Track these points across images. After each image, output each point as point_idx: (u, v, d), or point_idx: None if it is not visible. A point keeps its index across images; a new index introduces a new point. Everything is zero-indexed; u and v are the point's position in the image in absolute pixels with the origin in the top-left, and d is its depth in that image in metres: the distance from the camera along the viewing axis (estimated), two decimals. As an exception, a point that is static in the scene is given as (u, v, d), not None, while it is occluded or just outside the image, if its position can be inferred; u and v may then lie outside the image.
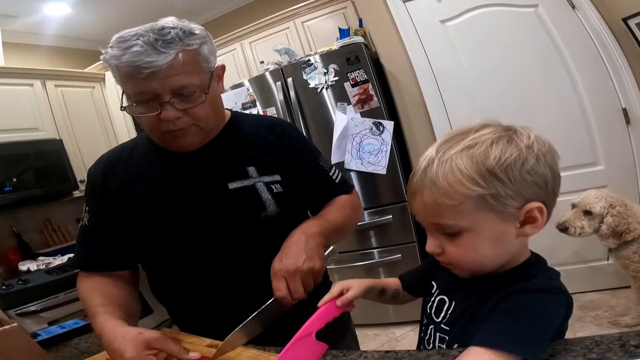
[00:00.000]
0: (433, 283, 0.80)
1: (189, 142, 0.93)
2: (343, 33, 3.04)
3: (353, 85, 2.68)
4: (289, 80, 2.81)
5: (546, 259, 0.68)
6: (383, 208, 2.73)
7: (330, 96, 2.75)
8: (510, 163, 0.57)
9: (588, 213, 1.84)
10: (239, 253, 0.95)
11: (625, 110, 2.32)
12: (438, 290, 0.78)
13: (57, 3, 3.27)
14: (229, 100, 3.04)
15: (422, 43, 2.70)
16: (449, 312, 0.71)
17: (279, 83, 2.85)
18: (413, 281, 0.90)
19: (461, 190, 0.58)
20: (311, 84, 2.77)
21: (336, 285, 0.78)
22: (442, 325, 0.71)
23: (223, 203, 0.95)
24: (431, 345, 0.73)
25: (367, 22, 2.96)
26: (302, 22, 3.41)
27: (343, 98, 2.72)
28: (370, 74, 2.65)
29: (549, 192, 0.61)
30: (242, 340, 0.81)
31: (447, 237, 0.64)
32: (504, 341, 0.52)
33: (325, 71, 2.72)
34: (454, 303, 0.71)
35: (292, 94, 2.80)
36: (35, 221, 3.34)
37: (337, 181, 1.10)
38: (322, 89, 2.75)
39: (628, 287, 2.08)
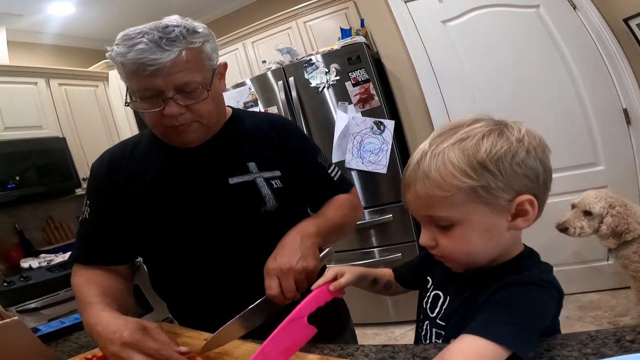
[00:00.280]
0: (428, 278, 0.81)
1: (191, 138, 0.95)
2: (345, 33, 3.05)
3: (354, 85, 2.69)
4: (291, 79, 2.82)
5: (546, 259, 0.68)
6: (383, 207, 2.73)
7: (331, 95, 2.76)
8: (500, 155, 0.58)
9: (588, 213, 1.83)
10: (239, 247, 0.96)
11: (625, 111, 2.32)
12: (433, 286, 0.78)
13: (62, 2, 3.29)
14: (231, 99, 3.04)
15: (423, 43, 2.70)
16: (444, 307, 0.71)
17: (280, 82, 2.85)
18: (407, 273, 0.90)
19: (452, 182, 0.59)
20: (313, 84, 2.78)
21: (330, 269, 0.79)
22: (438, 321, 0.71)
23: (223, 197, 0.96)
24: (428, 341, 0.74)
25: (369, 22, 2.97)
26: (304, 22, 3.43)
27: (344, 97, 2.73)
28: (371, 73, 2.65)
29: (540, 185, 0.62)
30: (235, 334, 0.81)
31: (440, 230, 0.65)
32: (493, 331, 0.52)
33: (327, 70, 2.73)
34: (448, 298, 0.72)
35: (294, 93, 2.81)
36: (38, 219, 3.36)
37: (336, 179, 1.10)
38: (324, 88, 2.75)
39: (628, 288, 2.07)
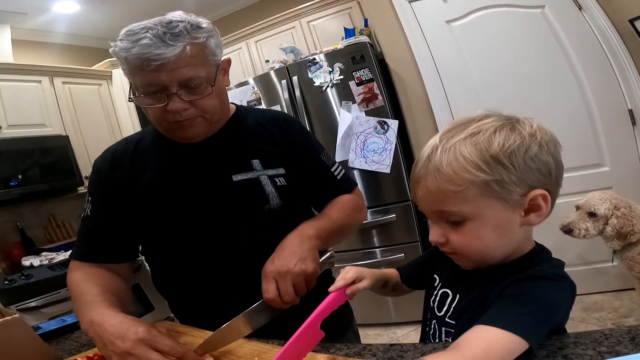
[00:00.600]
0: (435, 276, 0.80)
1: (194, 133, 0.94)
2: (348, 33, 3.04)
3: (358, 84, 2.68)
4: (294, 78, 2.81)
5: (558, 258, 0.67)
6: (386, 207, 2.73)
7: (335, 95, 2.75)
8: (514, 149, 0.58)
9: (592, 215, 1.82)
10: (242, 245, 0.96)
11: (631, 112, 2.31)
12: (440, 284, 0.77)
13: (67, 1, 3.29)
14: (234, 98, 3.04)
15: (428, 43, 2.70)
16: (453, 306, 0.70)
17: (284, 81, 2.85)
18: (412, 272, 0.89)
19: (465, 177, 0.58)
20: (316, 83, 2.77)
21: (351, 271, 0.77)
22: (447, 320, 0.70)
23: (227, 195, 0.96)
24: (437, 339, 0.73)
25: (373, 22, 2.96)
26: (308, 22, 3.42)
27: (348, 97, 2.72)
28: (375, 73, 2.65)
29: (552, 181, 0.61)
30: (236, 335, 0.79)
31: (451, 226, 0.63)
32: (505, 321, 0.52)
33: (331, 70, 2.72)
34: (458, 296, 0.71)
35: (297, 93, 2.81)
36: (40, 216, 3.36)
37: (339, 177, 1.09)
38: (327, 87, 2.75)
39: (632, 289, 2.07)
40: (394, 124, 2.66)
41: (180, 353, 0.70)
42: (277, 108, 2.92)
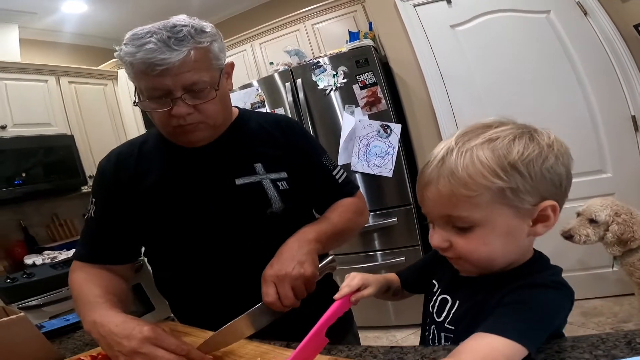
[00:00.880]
0: (434, 282, 0.79)
1: (198, 137, 0.95)
2: (353, 36, 3.06)
3: (362, 88, 2.69)
4: (298, 81, 2.83)
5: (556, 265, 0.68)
6: (388, 211, 2.73)
7: (338, 98, 2.76)
8: (532, 159, 0.58)
9: (593, 221, 1.83)
10: (244, 248, 0.96)
11: (634, 118, 2.31)
12: (440, 290, 0.77)
13: (75, 1, 3.32)
14: (238, 100, 3.05)
15: (432, 47, 2.70)
16: (452, 312, 0.70)
17: (288, 84, 2.86)
18: (411, 277, 0.89)
19: (481, 182, 0.57)
20: (320, 86, 2.78)
21: (356, 278, 0.76)
22: (447, 325, 0.70)
23: (229, 198, 0.96)
24: (436, 344, 0.73)
25: (377, 26, 2.97)
26: (312, 25, 3.43)
27: (351, 100, 2.73)
28: (379, 76, 2.66)
29: (561, 192, 0.62)
30: (238, 336, 0.80)
31: (457, 231, 0.63)
32: (504, 328, 0.52)
33: (335, 73, 2.73)
34: (457, 302, 0.70)
35: (301, 95, 2.82)
36: (43, 215, 3.37)
37: (341, 181, 1.09)
38: (331, 90, 2.76)
39: (632, 295, 2.07)
40: (396, 128, 2.66)
41: (185, 351, 0.70)
42: (281, 111, 2.93)
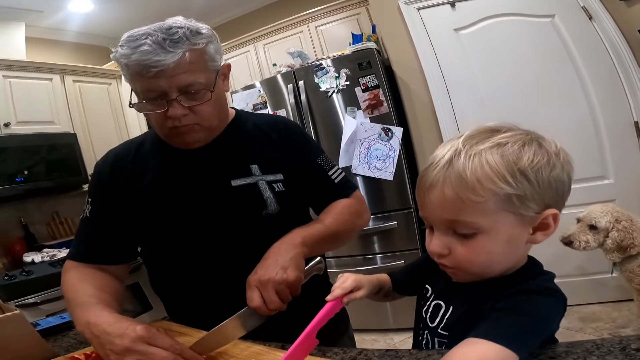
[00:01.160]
0: (428, 287, 0.79)
1: (194, 139, 0.95)
2: (356, 38, 3.06)
3: (364, 91, 2.69)
4: (301, 83, 2.83)
5: (550, 270, 0.67)
6: (388, 214, 2.73)
7: (340, 100, 2.77)
8: (541, 166, 0.57)
9: (593, 227, 1.83)
10: (239, 250, 0.96)
11: (637, 124, 2.30)
12: (433, 295, 0.76)
13: (82, -1, 3.35)
14: (240, 100, 3.06)
15: (435, 50, 2.70)
16: (446, 317, 0.70)
17: (290, 85, 2.87)
18: (403, 280, 0.88)
19: (489, 187, 0.56)
20: (322, 88, 2.79)
21: (349, 279, 0.75)
22: (440, 331, 0.70)
23: (225, 200, 0.97)
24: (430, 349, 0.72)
25: (381, 28, 2.98)
26: (316, 27, 3.44)
27: (353, 103, 2.73)
28: (381, 79, 2.66)
29: (562, 201, 0.61)
30: (230, 337, 0.80)
31: (459, 238, 0.61)
32: (495, 333, 0.52)
33: (337, 75, 2.74)
34: (451, 308, 0.70)
35: (303, 97, 2.82)
36: (44, 213, 3.38)
37: (337, 181, 1.08)
38: (333, 93, 2.76)
39: (631, 300, 2.07)
40: (398, 131, 2.66)
41: (178, 350, 0.70)
42: (283, 112, 2.94)
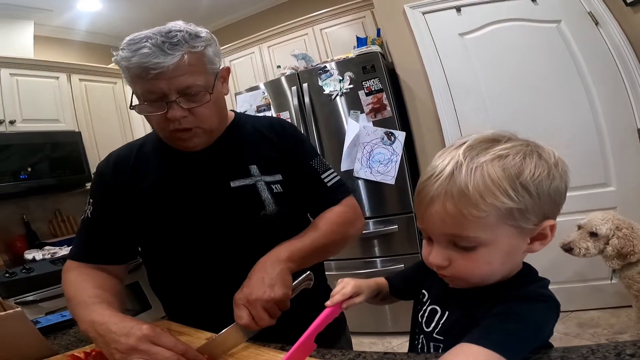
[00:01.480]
0: (424, 292, 0.79)
1: (194, 143, 0.97)
2: (360, 42, 3.07)
3: (367, 94, 2.69)
4: (305, 85, 2.84)
5: (549, 276, 0.67)
6: (389, 218, 2.73)
7: (343, 103, 2.77)
8: (542, 179, 0.57)
9: (594, 234, 1.83)
10: (237, 250, 0.97)
11: (640, 131, 2.29)
12: (429, 300, 0.76)
13: (91, -2, 3.38)
14: (244, 102, 3.08)
15: (439, 55, 2.69)
16: (441, 322, 0.70)
17: (294, 88, 2.88)
18: (400, 284, 0.89)
19: (491, 202, 0.55)
20: (326, 91, 2.79)
21: (349, 285, 0.76)
22: (435, 335, 0.70)
23: (224, 200, 0.98)
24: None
25: (385, 32, 2.98)
26: (321, 29, 3.45)
27: (356, 106, 2.74)
28: (385, 83, 2.66)
29: (559, 210, 0.61)
30: (241, 338, 0.81)
31: (459, 250, 0.61)
32: (487, 339, 0.52)
33: (341, 78, 2.74)
34: (447, 313, 0.70)
35: (307, 100, 2.83)
36: (46, 210, 3.40)
37: (330, 185, 1.07)
38: (337, 96, 2.77)
39: (629, 307, 2.07)
40: (400, 135, 2.66)
41: (181, 350, 0.71)
42: (286, 114, 2.94)
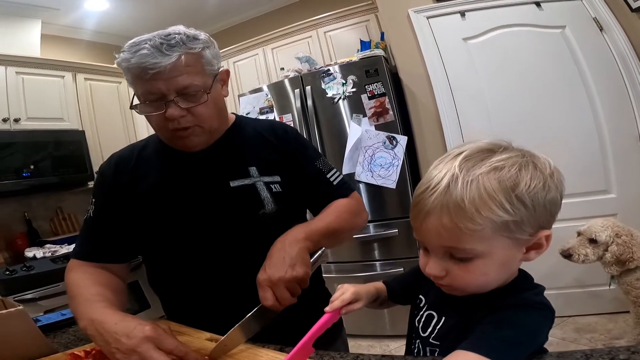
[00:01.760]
0: (421, 297, 0.79)
1: (194, 142, 0.99)
2: (364, 45, 3.07)
3: (370, 98, 2.70)
4: (308, 88, 2.85)
5: (547, 283, 0.68)
6: (389, 222, 2.73)
7: (346, 107, 2.78)
8: (538, 190, 0.57)
9: (593, 241, 1.84)
10: (237, 249, 0.98)
11: (642, 138, 2.29)
12: (426, 305, 0.77)
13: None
14: (247, 104, 3.09)
15: (443, 59, 2.69)
16: (438, 327, 0.71)
17: (297, 90, 2.89)
18: (399, 289, 0.89)
19: (487, 215, 0.55)
20: (329, 94, 2.80)
21: (348, 291, 0.77)
22: (431, 341, 0.71)
23: (224, 199, 0.99)
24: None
25: (389, 36, 2.99)
26: (325, 32, 3.45)
27: (359, 110, 2.74)
28: (388, 87, 2.67)
29: (554, 219, 0.61)
30: (241, 339, 0.82)
31: (456, 261, 0.61)
32: (482, 346, 0.53)
33: (344, 82, 2.75)
34: (443, 318, 0.71)
35: (309, 102, 2.84)
36: (48, 208, 3.41)
37: (336, 183, 1.11)
38: (339, 99, 2.77)
39: (627, 312, 2.07)
40: (402, 140, 2.67)
41: (183, 352, 0.71)
42: (289, 117, 2.95)
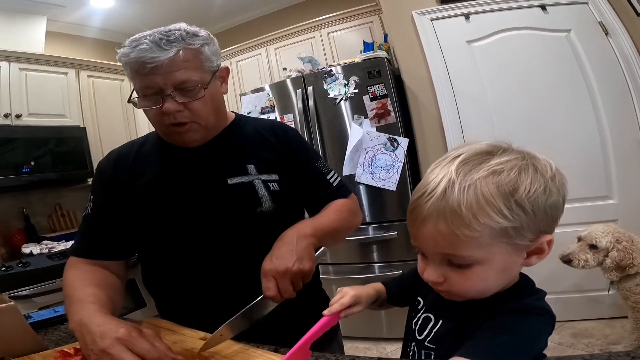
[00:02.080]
0: (419, 299, 0.78)
1: (191, 138, 0.99)
2: (367, 47, 3.07)
3: (372, 99, 2.69)
4: (310, 88, 2.84)
5: (547, 287, 0.66)
6: (389, 224, 2.72)
7: (348, 108, 2.77)
8: (538, 195, 0.55)
9: (593, 247, 1.84)
10: (233, 246, 0.98)
11: (644, 144, 2.28)
12: (424, 308, 0.76)
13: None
14: (249, 103, 3.08)
15: (446, 62, 2.68)
16: (434, 331, 0.69)
17: (299, 91, 2.88)
18: (397, 290, 0.88)
19: (485, 222, 0.53)
20: (331, 94, 2.79)
21: (348, 295, 0.76)
22: (427, 344, 0.69)
23: (221, 197, 0.99)
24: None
25: (392, 38, 2.98)
26: (328, 33, 3.45)
27: (360, 111, 2.73)
28: (390, 89, 2.66)
29: (556, 224, 0.60)
30: (229, 334, 0.82)
31: (454, 268, 0.59)
32: (480, 353, 0.52)
33: (346, 83, 2.74)
34: (440, 322, 0.69)
35: (311, 103, 2.83)
36: (46, 205, 3.41)
37: (335, 184, 1.13)
38: (341, 100, 2.77)
39: (625, 317, 2.07)
40: (404, 142, 2.66)
41: (155, 357, 0.69)
42: (290, 117, 2.95)
